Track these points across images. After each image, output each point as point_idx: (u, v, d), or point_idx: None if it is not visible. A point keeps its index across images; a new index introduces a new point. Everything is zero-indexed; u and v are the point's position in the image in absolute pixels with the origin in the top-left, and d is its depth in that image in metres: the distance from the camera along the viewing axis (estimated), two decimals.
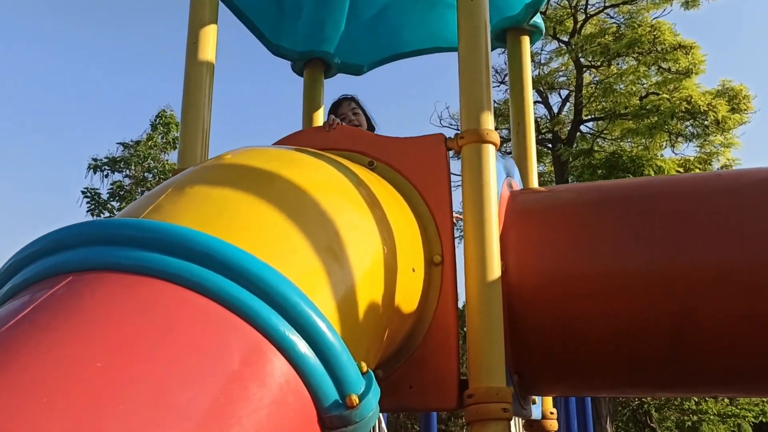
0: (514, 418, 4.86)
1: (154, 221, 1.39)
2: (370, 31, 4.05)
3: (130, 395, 1.05)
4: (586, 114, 16.31)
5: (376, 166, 2.41)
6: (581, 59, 15.91)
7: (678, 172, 14.15)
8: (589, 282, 2.38)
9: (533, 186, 3.35)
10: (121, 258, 1.31)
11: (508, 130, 3.53)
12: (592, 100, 15.97)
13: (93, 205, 17.89)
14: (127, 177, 18.40)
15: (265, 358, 1.27)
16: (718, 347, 2.25)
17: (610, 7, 15.96)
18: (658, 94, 14.89)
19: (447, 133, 2.46)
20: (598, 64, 15.77)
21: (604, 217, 2.49)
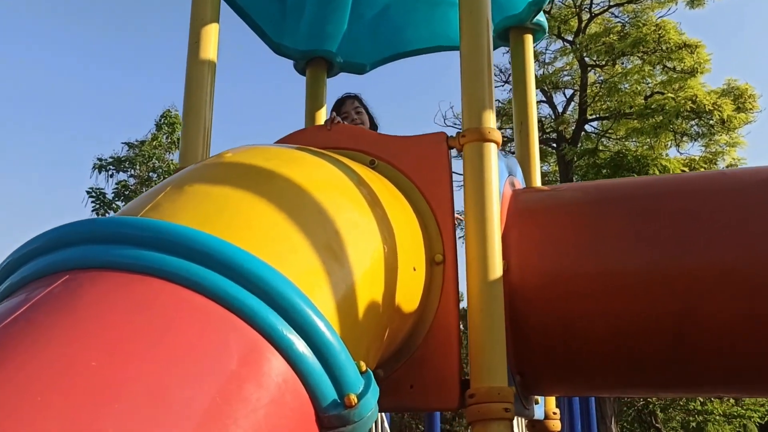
0: (516, 418, 4.86)
1: (152, 220, 1.39)
2: (373, 29, 4.04)
3: (126, 394, 1.05)
4: (591, 113, 16.27)
5: (378, 164, 2.40)
6: (586, 58, 15.88)
7: (683, 171, 14.11)
8: (591, 281, 2.36)
9: (536, 185, 3.34)
10: (119, 256, 1.30)
11: (512, 129, 3.51)
12: (597, 99, 15.93)
13: (98, 205, 17.93)
14: (132, 177, 18.43)
15: (263, 357, 1.26)
16: (720, 347, 2.23)
17: (615, 6, 15.92)
18: (663, 93, 14.85)
19: (451, 133, 2.45)
20: (603, 63, 15.73)
21: (606, 216, 2.47)
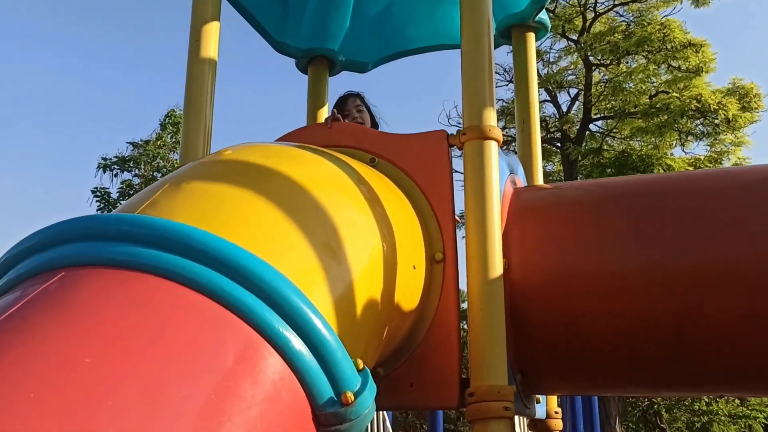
0: (518, 417, 4.85)
1: (149, 217, 1.38)
2: (375, 28, 4.03)
3: (121, 391, 1.04)
4: (595, 113, 16.24)
5: (378, 162, 2.39)
6: (590, 58, 15.85)
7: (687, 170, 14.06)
8: (592, 280, 2.35)
9: (538, 184, 3.32)
10: (116, 253, 1.30)
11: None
12: (602, 98, 15.90)
13: (103, 204, 17.99)
14: (137, 176, 18.49)
15: (259, 355, 1.26)
16: (721, 346, 2.22)
17: (620, 5, 15.89)
18: (668, 92, 14.82)
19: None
20: (608, 62, 15.70)
21: (608, 214, 2.46)
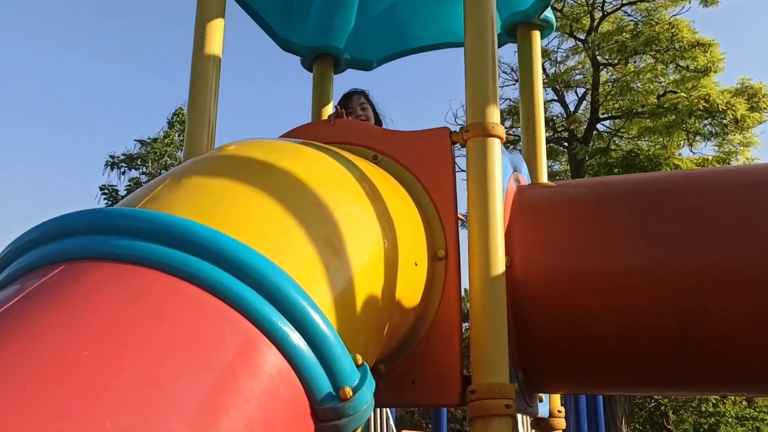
0: (521, 416, 4.83)
1: (148, 211, 1.39)
2: (380, 26, 4.02)
3: (118, 384, 1.04)
4: (603, 112, 16.19)
5: (381, 159, 2.39)
6: (598, 57, 15.81)
7: None
8: (596, 278, 2.34)
9: (542, 182, 3.31)
10: (115, 247, 1.30)
11: None
12: (609, 98, 15.85)
13: (111, 202, 18.07)
14: (144, 174, 18.56)
15: (257, 349, 1.26)
16: (725, 346, 2.21)
17: (628, 5, 15.84)
18: (675, 92, 14.76)
19: None
20: (615, 62, 15.65)
21: (612, 212, 2.45)
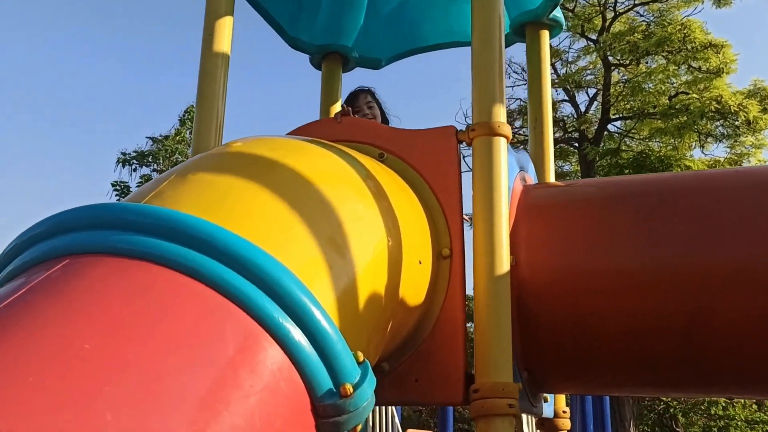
0: (527, 416, 4.82)
1: (152, 206, 1.40)
2: (389, 24, 4.02)
3: (119, 377, 1.05)
4: (614, 113, 16.13)
5: (387, 158, 2.39)
6: (609, 57, 15.74)
7: None
8: (601, 278, 2.34)
9: (549, 181, 3.30)
10: (118, 242, 1.31)
11: None
12: (620, 98, 15.79)
13: (122, 198, 18.16)
14: (155, 171, 18.64)
15: (259, 345, 1.26)
16: (732, 347, 2.19)
17: (640, 5, 15.76)
18: (687, 93, 14.68)
19: None
20: (627, 62, 15.59)
21: (618, 212, 2.44)
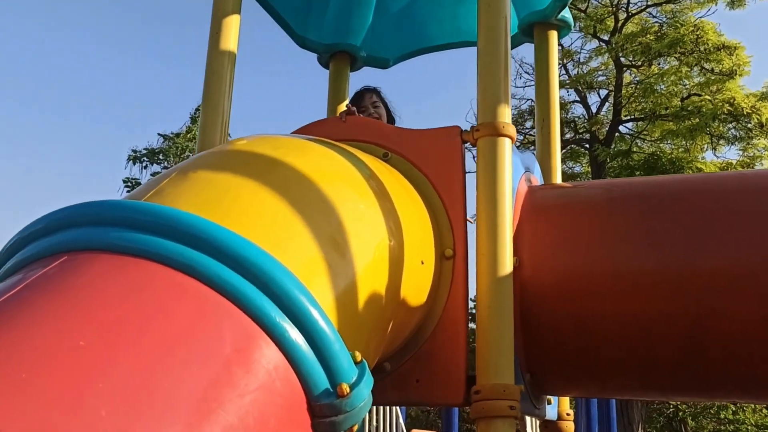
0: (531, 418, 4.81)
1: (150, 203, 1.39)
2: (397, 24, 4.02)
3: (112, 375, 1.05)
4: (626, 114, 16.04)
5: (391, 157, 2.39)
6: (621, 58, 15.66)
7: None
8: (605, 280, 2.32)
9: (555, 182, 3.29)
10: (116, 239, 1.31)
11: None
12: (632, 100, 15.70)
13: None
14: (166, 168, 18.73)
15: (255, 344, 1.26)
16: (737, 351, 2.17)
17: (653, 6, 15.67)
18: (700, 95, 14.58)
19: None
20: (639, 63, 15.50)
21: (623, 214, 2.42)
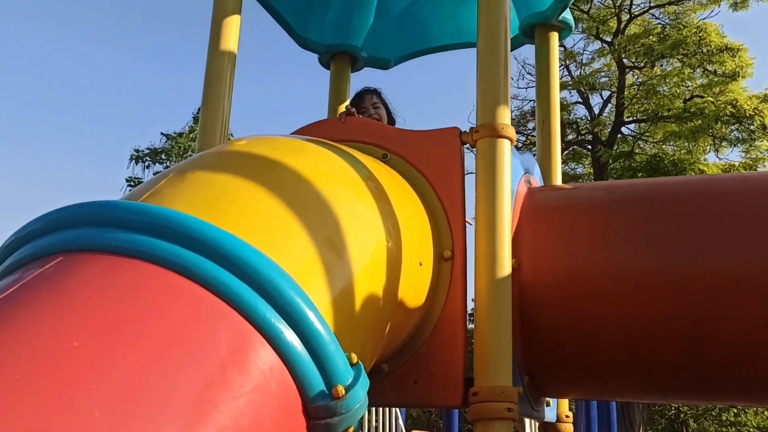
0: (530, 420, 4.80)
1: (147, 204, 1.39)
2: (399, 25, 4.02)
3: (105, 375, 1.05)
4: (628, 116, 16.03)
5: (390, 158, 2.38)
6: (624, 60, 15.65)
7: None
8: (605, 282, 2.32)
9: (555, 184, 3.28)
10: (112, 239, 1.31)
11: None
12: (635, 101, 15.68)
13: None
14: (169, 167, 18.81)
15: (250, 345, 1.26)
16: (736, 354, 2.17)
17: (655, 8, 15.65)
18: (702, 96, 14.57)
19: None
20: (642, 65, 15.49)
21: (623, 216, 2.42)
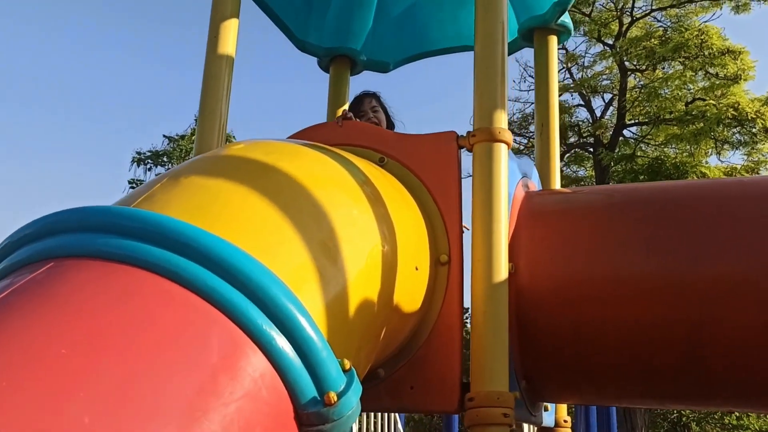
0: (528, 425, 4.78)
1: (138, 210, 1.39)
2: (398, 28, 4.01)
3: (94, 383, 1.04)
4: (630, 118, 16.01)
5: (387, 162, 2.38)
6: (626, 62, 15.64)
7: None
8: (603, 286, 2.31)
9: (554, 188, 3.27)
10: (104, 245, 1.30)
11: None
12: (636, 104, 15.66)
13: None
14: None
15: (241, 351, 1.25)
16: (735, 358, 2.16)
17: (657, 10, 15.64)
18: (704, 99, 14.55)
19: None
20: (643, 68, 15.47)
21: (621, 220, 2.41)
